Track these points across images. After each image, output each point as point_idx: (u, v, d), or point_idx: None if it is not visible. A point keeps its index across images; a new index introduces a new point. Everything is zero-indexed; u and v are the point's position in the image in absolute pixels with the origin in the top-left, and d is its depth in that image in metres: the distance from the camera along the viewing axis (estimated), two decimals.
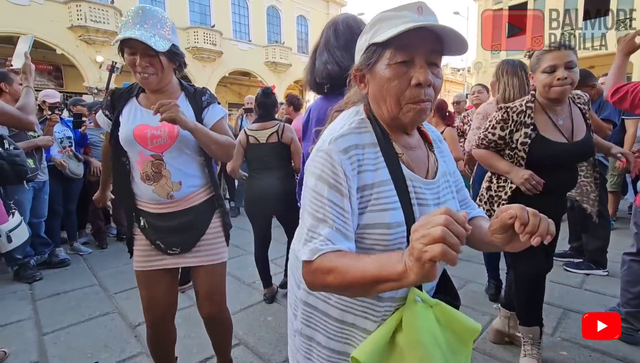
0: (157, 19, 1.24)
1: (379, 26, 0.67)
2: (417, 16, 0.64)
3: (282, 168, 2.48)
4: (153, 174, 1.28)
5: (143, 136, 1.27)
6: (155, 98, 1.30)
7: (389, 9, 0.67)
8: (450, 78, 35.22)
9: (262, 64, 17.07)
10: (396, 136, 0.73)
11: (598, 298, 2.41)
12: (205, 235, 1.38)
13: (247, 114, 5.18)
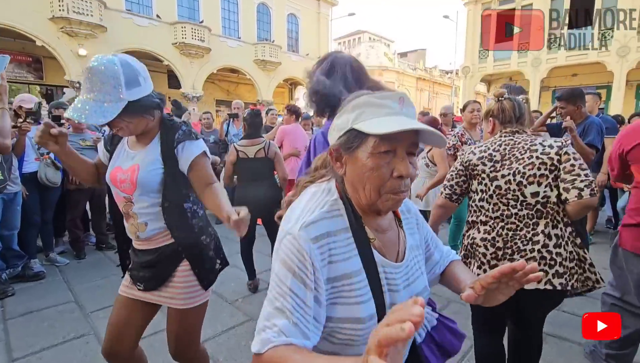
0: (107, 78, 1.12)
1: (363, 110, 0.65)
2: (398, 107, 0.65)
3: (268, 178, 2.88)
4: (126, 213, 1.32)
5: (115, 179, 1.29)
6: (137, 140, 1.33)
7: (373, 95, 0.66)
8: (438, 80, 35.64)
9: (251, 62, 16.86)
10: (369, 219, 0.72)
11: (575, 321, 2.47)
12: (171, 279, 1.32)
13: (233, 119, 5.10)
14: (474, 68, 19.03)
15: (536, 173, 1.38)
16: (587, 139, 2.69)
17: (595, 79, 16.25)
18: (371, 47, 31.96)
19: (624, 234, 1.70)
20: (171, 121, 1.34)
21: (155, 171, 1.25)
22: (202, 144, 1.32)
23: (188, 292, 1.33)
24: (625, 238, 1.67)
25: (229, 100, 19.37)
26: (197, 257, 1.35)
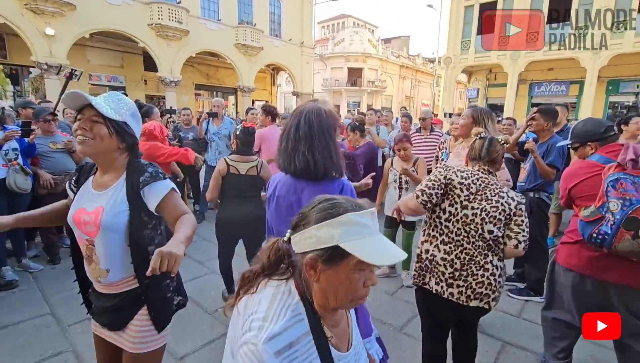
0: (119, 99, 1.30)
1: (347, 229, 0.69)
2: (372, 223, 0.71)
3: (256, 197, 2.76)
4: (87, 257, 1.30)
5: (78, 220, 1.27)
6: (101, 178, 1.31)
7: (356, 213, 0.70)
8: (421, 69, 35.78)
9: (232, 46, 16.33)
10: (326, 316, 0.76)
11: (534, 329, 2.67)
12: (132, 323, 1.32)
13: (212, 118, 5.01)
14: (455, 59, 19.21)
15: (496, 216, 1.62)
16: (549, 159, 2.87)
17: (569, 74, 16.79)
18: (355, 32, 31.54)
19: (560, 251, 1.96)
20: (138, 163, 1.33)
21: (121, 213, 1.24)
22: (168, 184, 1.31)
23: (142, 337, 1.32)
24: (560, 253, 1.95)
25: (209, 85, 18.83)
26: (157, 301, 1.35)
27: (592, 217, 1.63)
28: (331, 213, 0.71)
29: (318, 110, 1.36)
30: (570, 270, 1.85)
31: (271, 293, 0.75)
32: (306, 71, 20.15)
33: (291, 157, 1.34)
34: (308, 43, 19.98)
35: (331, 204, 0.73)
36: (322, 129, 1.34)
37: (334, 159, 1.34)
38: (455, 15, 18.90)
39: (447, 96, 20.17)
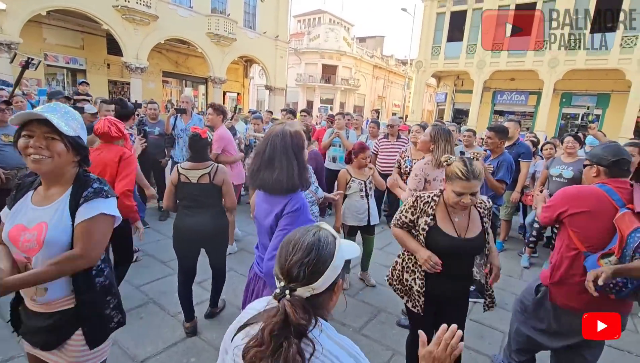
0: (66, 111, 1.26)
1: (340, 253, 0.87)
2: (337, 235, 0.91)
3: (214, 206, 2.60)
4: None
5: (16, 238, 1.21)
6: (45, 192, 1.27)
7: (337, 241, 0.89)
8: (394, 70, 36.54)
9: (204, 35, 15.81)
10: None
11: (479, 330, 2.92)
12: (67, 342, 1.28)
13: (180, 114, 4.89)
14: (426, 63, 19.83)
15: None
16: (499, 175, 3.17)
17: (529, 85, 17.89)
18: (331, 29, 31.58)
19: (555, 291, 1.85)
20: (86, 177, 1.29)
21: (65, 229, 1.21)
22: (106, 206, 1.25)
23: (79, 356, 1.30)
24: (556, 294, 1.84)
25: (177, 73, 18.14)
26: (95, 319, 1.32)
27: None
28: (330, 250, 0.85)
29: (283, 133, 1.53)
30: (573, 312, 1.78)
31: (336, 347, 0.85)
32: (280, 65, 19.96)
33: (256, 176, 1.53)
34: (283, 37, 19.77)
35: (323, 242, 0.86)
36: (286, 150, 1.51)
37: (295, 177, 1.50)
38: (427, 21, 19.47)
39: (417, 98, 20.81)
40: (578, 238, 1.74)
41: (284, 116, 6.16)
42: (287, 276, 0.81)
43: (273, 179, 1.48)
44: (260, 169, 1.52)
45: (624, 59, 14.65)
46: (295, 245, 0.84)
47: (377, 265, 3.86)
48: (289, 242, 0.86)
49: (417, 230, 1.88)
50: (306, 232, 0.87)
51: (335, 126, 5.47)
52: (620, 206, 1.67)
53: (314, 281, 0.81)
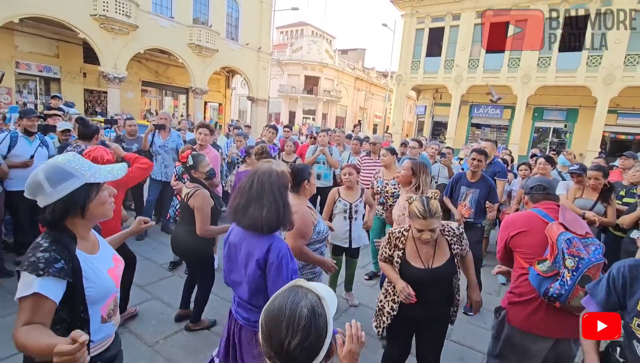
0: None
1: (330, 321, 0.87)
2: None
3: (190, 223, 2.73)
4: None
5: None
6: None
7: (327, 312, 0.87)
8: (375, 82, 37.28)
9: (185, 45, 15.65)
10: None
11: (459, 350, 2.94)
12: None
13: (158, 131, 4.79)
14: (406, 77, 20.33)
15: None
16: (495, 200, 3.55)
17: (505, 100, 18.63)
18: (313, 41, 32.00)
19: (512, 313, 1.96)
20: (38, 242, 1.14)
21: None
22: (35, 285, 1.04)
23: None
24: (513, 316, 1.96)
25: (157, 82, 17.83)
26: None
27: (550, 272, 1.73)
28: (324, 318, 0.84)
29: (270, 171, 1.53)
30: (529, 333, 1.89)
31: None
32: (262, 76, 19.97)
33: (243, 213, 1.51)
34: (266, 49, 19.84)
35: (317, 314, 0.83)
36: (272, 189, 1.50)
37: (280, 216, 1.50)
38: (407, 37, 20.04)
39: (397, 110, 21.26)
40: (521, 257, 1.96)
41: (267, 131, 6.15)
42: (286, 361, 0.78)
43: (262, 216, 1.46)
44: (248, 205, 1.49)
45: (589, 77, 15.52)
46: (289, 325, 0.78)
47: (358, 284, 3.86)
48: (278, 321, 0.80)
49: (393, 262, 2.02)
50: (296, 305, 0.81)
51: (319, 143, 5.49)
52: (550, 220, 1.89)
53: (316, 357, 0.80)
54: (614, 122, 16.50)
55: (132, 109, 13.80)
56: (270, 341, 0.80)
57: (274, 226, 1.49)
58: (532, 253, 1.89)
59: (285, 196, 1.55)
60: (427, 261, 1.94)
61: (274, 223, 1.48)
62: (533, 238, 1.91)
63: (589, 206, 3.18)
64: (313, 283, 0.90)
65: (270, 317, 0.82)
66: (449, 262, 1.95)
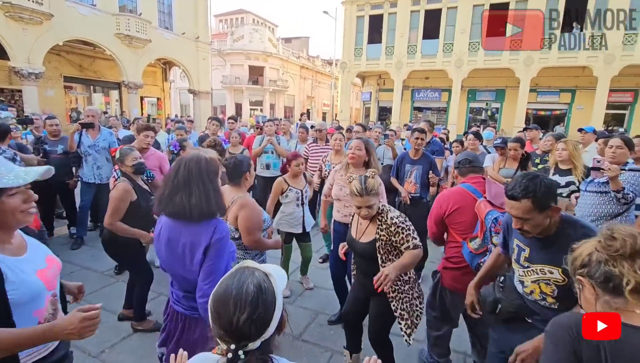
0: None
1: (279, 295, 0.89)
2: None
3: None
4: None
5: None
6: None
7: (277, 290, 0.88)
8: (320, 70, 37.38)
9: (112, 36, 14.29)
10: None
11: None
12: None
13: (86, 129, 4.37)
14: (350, 64, 20.67)
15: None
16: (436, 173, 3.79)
17: (441, 83, 19.76)
18: (255, 30, 31.07)
19: (445, 276, 2.29)
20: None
21: None
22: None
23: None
24: (446, 279, 2.29)
25: (83, 77, 16.17)
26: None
27: (481, 249, 2.00)
28: (272, 293, 0.85)
29: (198, 158, 1.49)
30: (457, 292, 2.18)
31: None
32: (203, 67, 19.00)
33: (167, 201, 1.46)
34: (204, 38, 18.85)
35: (265, 289, 0.84)
36: (201, 175, 1.46)
37: (211, 202, 1.46)
38: (348, 24, 20.30)
39: (344, 97, 21.62)
40: (455, 232, 2.17)
41: (211, 124, 5.92)
42: (237, 337, 0.79)
43: (191, 204, 1.42)
44: (174, 193, 1.44)
45: (513, 59, 17.04)
46: (236, 302, 0.79)
47: (312, 268, 3.94)
48: (226, 300, 0.81)
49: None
50: (242, 283, 0.82)
51: (266, 132, 5.42)
52: (479, 196, 2.11)
53: (265, 330, 0.81)
54: (534, 100, 18.39)
55: (55, 109, 12.33)
56: (220, 321, 0.80)
57: (204, 212, 1.44)
58: (465, 229, 2.10)
59: (216, 183, 1.51)
60: (359, 234, 2.11)
61: (205, 209, 1.44)
62: (466, 216, 2.12)
63: (511, 174, 3.54)
64: (262, 264, 0.93)
65: (218, 299, 0.83)
66: (371, 243, 2.02)
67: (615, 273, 0.90)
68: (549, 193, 1.41)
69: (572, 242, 1.30)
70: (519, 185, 1.43)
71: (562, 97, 18.32)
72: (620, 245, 0.90)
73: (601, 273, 0.92)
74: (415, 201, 3.69)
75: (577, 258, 1.00)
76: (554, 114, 19.01)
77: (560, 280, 1.47)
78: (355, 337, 2.37)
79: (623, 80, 15.62)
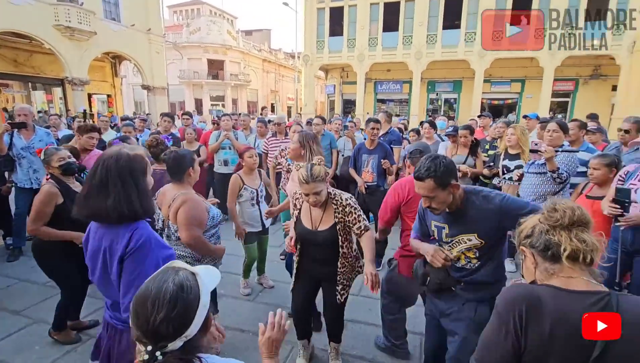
0: None
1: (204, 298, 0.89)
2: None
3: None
4: None
5: None
6: None
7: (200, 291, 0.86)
8: (283, 63, 36.88)
9: (51, 28, 13.08)
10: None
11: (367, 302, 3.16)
12: None
13: (18, 130, 3.95)
14: (312, 57, 20.50)
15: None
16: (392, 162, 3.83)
17: (403, 75, 20.16)
18: (213, 22, 29.89)
19: (402, 264, 2.34)
20: None
21: None
22: None
23: None
24: (403, 267, 2.35)
25: (19, 73, 14.76)
26: None
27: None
28: (195, 292, 0.83)
29: (118, 155, 1.35)
30: (412, 279, 2.24)
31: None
32: (157, 61, 17.98)
33: (83, 203, 1.34)
34: (157, 30, 17.83)
35: (186, 288, 0.82)
36: (120, 174, 1.34)
37: (134, 204, 1.34)
38: (309, 16, 20.08)
39: (308, 91, 21.47)
40: (410, 220, 2.22)
41: (162, 121, 5.62)
42: (154, 338, 0.77)
43: (108, 205, 1.29)
44: (91, 195, 1.32)
45: (468, 51, 17.73)
46: (154, 301, 0.78)
47: (274, 263, 3.88)
48: (144, 300, 0.79)
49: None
50: (162, 282, 0.81)
51: (223, 127, 5.23)
52: None
53: (186, 330, 0.79)
54: (489, 90, 19.30)
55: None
56: (138, 321, 0.79)
57: (125, 215, 1.32)
58: (414, 214, 2.16)
59: (140, 182, 1.38)
60: (315, 223, 2.11)
61: (125, 211, 1.31)
62: (417, 204, 2.16)
63: (462, 161, 3.68)
64: (195, 266, 0.91)
65: (137, 299, 0.81)
66: (332, 228, 2.09)
67: (554, 241, 0.97)
68: (448, 172, 1.54)
69: (477, 207, 1.60)
70: (423, 167, 1.55)
71: (513, 87, 19.37)
72: (560, 216, 0.97)
73: (542, 242, 1.00)
74: (373, 189, 3.74)
75: (522, 231, 1.07)
76: (506, 103, 20.08)
77: (478, 243, 1.63)
78: (307, 325, 2.43)
79: (565, 70, 16.78)
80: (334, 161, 5.18)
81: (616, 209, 2.20)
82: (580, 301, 0.91)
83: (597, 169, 2.52)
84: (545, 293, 0.94)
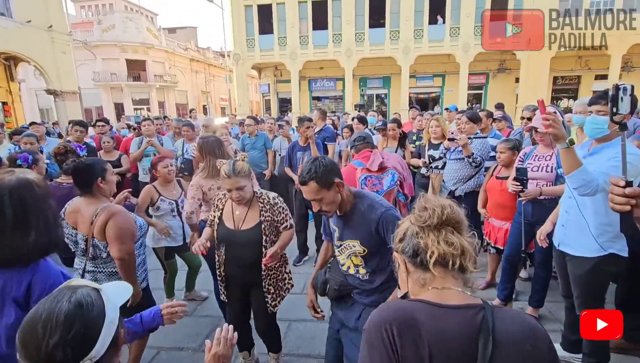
0: None
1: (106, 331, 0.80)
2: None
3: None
4: None
5: None
6: None
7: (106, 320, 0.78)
8: (213, 63, 35.32)
9: None
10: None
11: None
12: None
13: None
14: (243, 56, 19.94)
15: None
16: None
17: (335, 72, 20.62)
18: (129, 19, 27.38)
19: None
20: None
21: None
22: None
23: None
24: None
25: None
26: None
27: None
28: (99, 308, 0.75)
29: (27, 183, 1.17)
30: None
31: None
32: (63, 62, 15.84)
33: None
34: (61, 28, 15.71)
35: (86, 305, 0.74)
36: (38, 204, 1.17)
37: (52, 235, 1.18)
38: (236, 13, 19.46)
39: (241, 91, 20.84)
40: None
41: (73, 130, 4.95)
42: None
43: (29, 242, 1.11)
44: (4, 234, 1.09)
45: (393, 48, 18.76)
46: (46, 324, 0.68)
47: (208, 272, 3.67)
48: (34, 325, 0.69)
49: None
50: (55, 303, 0.71)
51: (145, 133, 4.78)
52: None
53: (89, 351, 0.71)
54: (415, 85, 20.67)
55: None
56: (26, 352, 0.68)
57: (45, 249, 1.16)
58: None
59: (53, 208, 1.24)
60: (238, 223, 2.04)
61: (46, 244, 1.16)
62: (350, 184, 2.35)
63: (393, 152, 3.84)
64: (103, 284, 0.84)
65: (23, 328, 0.71)
66: (256, 227, 2.03)
67: (421, 245, 0.84)
68: (329, 171, 1.51)
69: (361, 214, 1.57)
70: (305, 170, 1.52)
71: (436, 82, 21.01)
72: (428, 216, 0.84)
73: (410, 246, 0.86)
74: None
75: (397, 234, 0.92)
76: (431, 96, 21.71)
77: (361, 251, 1.59)
78: (246, 336, 2.33)
79: (478, 65, 18.66)
80: (271, 161, 5.06)
81: (517, 186, 2.48)
82: (455, 317, 0.78)
83: (502, 153, 2.89)
84: (420, 310, 0.80)
